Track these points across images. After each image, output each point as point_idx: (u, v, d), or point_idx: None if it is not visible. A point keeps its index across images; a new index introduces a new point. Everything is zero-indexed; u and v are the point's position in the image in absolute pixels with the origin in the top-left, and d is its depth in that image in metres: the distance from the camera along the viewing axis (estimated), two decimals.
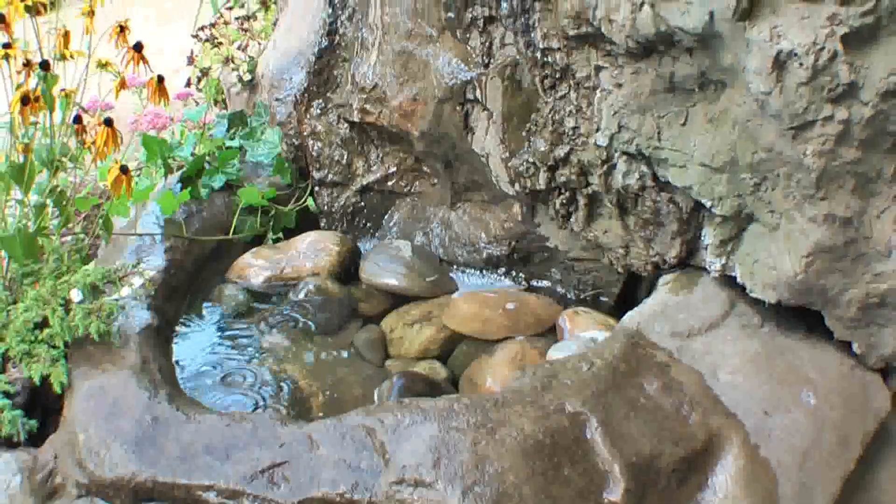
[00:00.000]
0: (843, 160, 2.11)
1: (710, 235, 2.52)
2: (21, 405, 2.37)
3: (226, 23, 4.24)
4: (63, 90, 2.91)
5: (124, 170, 2.67)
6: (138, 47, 2.85)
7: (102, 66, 3.03)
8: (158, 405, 2.25)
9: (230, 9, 4.42)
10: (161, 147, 3.37)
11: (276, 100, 3.45)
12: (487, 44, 2.72)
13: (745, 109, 2.23)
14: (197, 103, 4.28)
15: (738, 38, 2.15)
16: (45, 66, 2.77)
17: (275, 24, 3.96)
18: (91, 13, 2.87)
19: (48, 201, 2.80)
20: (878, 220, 2.18)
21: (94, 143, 2.78)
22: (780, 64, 2.09)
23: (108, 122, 2.72)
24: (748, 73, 2.14)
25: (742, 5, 2.10)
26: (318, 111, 3.32)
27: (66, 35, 2.92)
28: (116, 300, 2.60)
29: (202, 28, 4.31)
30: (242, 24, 4.20)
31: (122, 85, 2.90)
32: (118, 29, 2.89)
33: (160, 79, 2.89)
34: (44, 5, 2.85)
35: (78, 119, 2.86)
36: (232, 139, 3.59)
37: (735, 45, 2.17)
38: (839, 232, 2.19)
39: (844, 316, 2.27)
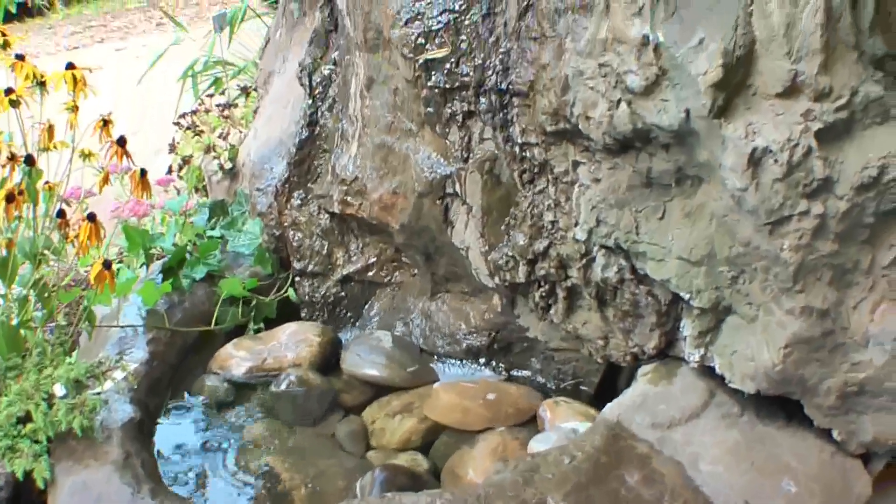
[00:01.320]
0: (819, 253, 2.14)
1: (688, 327, 2.53)
2: (4, 500, 2.37)
3: (207, 110, 4.28)
4: (47, 183, 2.93)
5: (107, 265, 2.69)
6: (122, 142, 2.88)
7: (86, 156, 3.05)
8: (141, 500, 2.25)
9: (210, 96, 4.48)
10: (143, 238, 3.39)
11: (258, 189, 3.48)
12: (466, 139, 2.75)
13: (722, 204, 2.26)
14: (178, 191, 4.31)
15: (714, 135, 2.18)
16: (29, 161, 2.80)
17: (255, 111, 4.00)
18: (75, 108, 2.90)
19: (31, 294, 2.81)
20: (855, 311, 2.20)
21: (76, 237, 2.80)
22: (755, 160, 2.12)
23: (91, 218, 2.74)
24: (724, 170, 2.18)
25: (717, 103, 2.15)
26: (299, 202, 3.35)
27: (51, 129, 2.95)
28: (99, 394, 2.60)
29: (183, 115, 4.35)
30: (223, 111, 4.25)
31: (106, 180, 2.93)
32: (101, 123, 2.93)
33: (143, 172, 2.92)
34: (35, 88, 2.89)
35: (61, 214, 2.88)
36: (213, 229, 3.62)
37: (711, 142, 2.20)
38: (816, 323, 2.20)
39: (824, 404, 2.27)
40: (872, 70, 2.17)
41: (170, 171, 4.39)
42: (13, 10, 8.73)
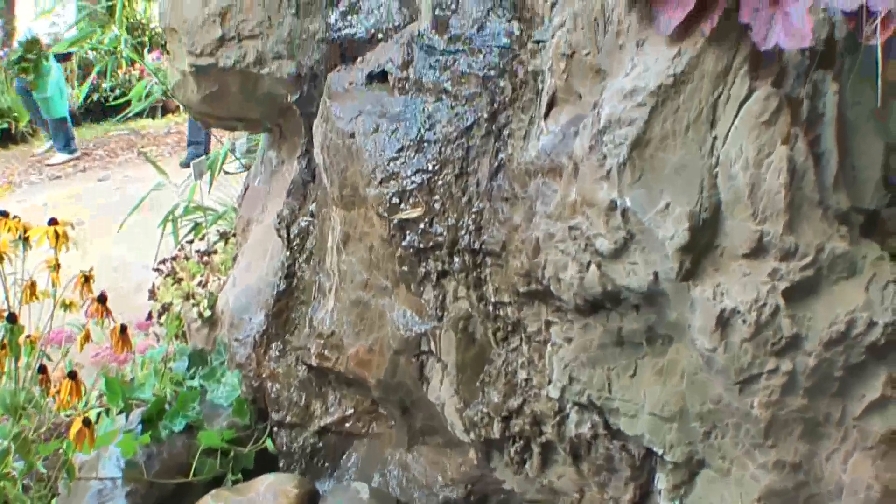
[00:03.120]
0: (790, 409, 2.17)
1: (663, 480, 2.54)
2: None
3: (186, 257, 4.32)
4: (28, 336, 2.95)
5: (87, 423, 2.70)
6: (102, 299, 2.91)
7: (66, 306, 3.08)
8: None
9: (190, 242, 4.53)
10: (122, 389, 3.40)
11: (236, 340, 3.50)
12: (441, 297, 2.79)
13: (693, 362, 2.29)
14: (158, 337, 4.34)
15: (683, 297, 2.23)
16: (11, 318, 2.82)
17: (234, 258, 4.04)
18: (57, 266, 2.94)
19: (11, 447, 2.81)
20: (828, 462, 2.21)
21: (58, 391, 2.81)
22: (723, 321, 2.16)
23: (73, 376, 2.76)
24: (693, 331, 2.21)
25: (685, 266, 2.19)
26: (277, 353, 3.37)
27: (33, 286, 2.98)
28: None
29: (163, 261, 4.39)
30: (203, 257, 4.29)
31: (87, 338, 2.95)
32: (83, 279, 2.96)
33: (123, 328, 2.94)
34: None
35: (42, 369, 2.90)
36: (192, 378, 3.63)
37: (680, 303, 2.24)
38: (789, 476, 2.22)
39: None
40: (837, 225, 2.22)
41: (149, 316, 4.41)
42: None
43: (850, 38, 2.24)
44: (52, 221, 2.97)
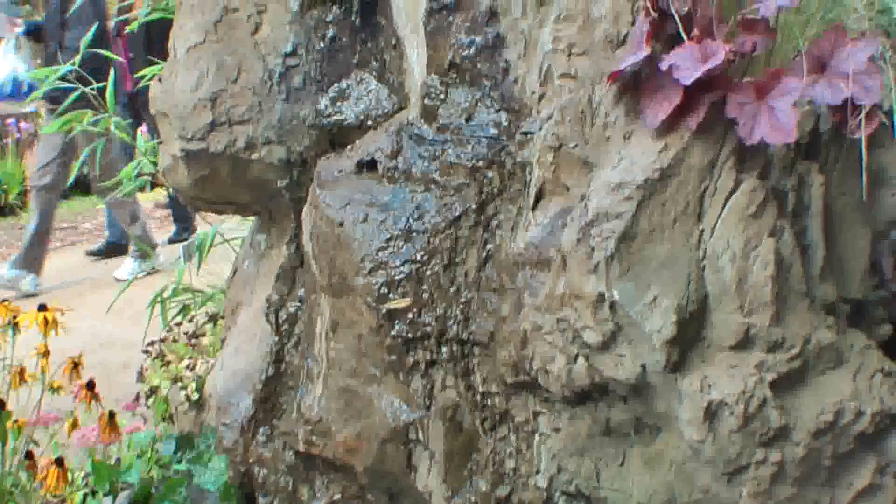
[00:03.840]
0: (779, 499, 2.17)
1: None
2: None
3: (174, 339, 4.32)
4: (16, 421, 2.96)
5: None
6: (91, 386, 2.91)
7: (55, 390, 3.09)
8: None
9: (179, 324, 4.52)
10: (109, 472, 3.39)
11: (224, 424, 3.48)
12: (429, 386, 2.78)
13: (681, 453, 2.30)
14: (144, 419, 4.31)
15: (670, 389, 2.23)
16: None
17: (223, 341, 4.03)
18: (46, 353, 2.95)
19: None
20: None
21: (45, 477, 2.81)
22: (711, 413, 2.17)
23: (59, 463, 2.76)
24: (681, 422, 2.22)
25: (672, 358, 2.20)
26: (265, 438, 3.35)
27: (22, 372, 2.98)
28: None
29: (152, 343, 4.38)
30: (191, 339, 4.29)
31: (75, 425, 2.95)
32: (72, 364, 2.97)
33: (111, 415, 2.94)
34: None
35: (29, 455, 2.90)
36: (179, 462, 3.60)
37: (668, 395, 2.25)
38: None
39: None
40: (824, 316, 2.24)
41: (137, 398, 4.39)
42: None
43: (836, 129, 2.28)
44: (42, 308, 2.98)
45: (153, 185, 12.96)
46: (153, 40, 8.10)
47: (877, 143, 2.31)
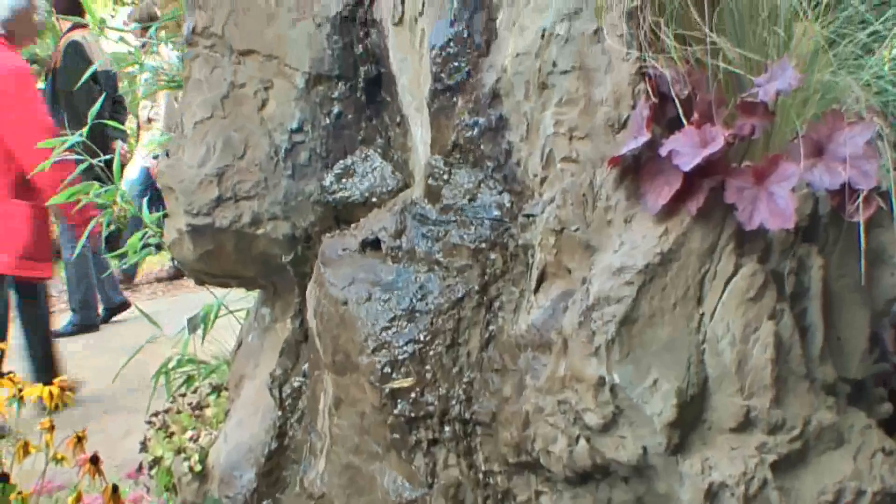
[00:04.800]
0: None
1: None
2: None
3: (178, 410, 4.32)
4: (20, 493, 2.96)
5: None
6: (95, 460, 2.92)
7: (58, 461, 3.10)
8: None
9: (183, 395, 4.53)
10: None
11: (227, 497, 3.48)
12: (431, 464, 2.78)
13: None
14: (148, 488, 4.31)
15: (671, 471, 2.24)
16: (3, 478, 2.83)
17: (227, 413, 4.04)
18: (51, 428, 2.96)
19: None
20: None
21: None
22: (712, 495, 2.18)
23: None
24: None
25: (673, 441, 2.21)
26: None
27: (26, 445, 2.99)
28: None
29: (156, 414, 4.38)
30: (195, 411, 4.29)
31: (79, 498, 2.96)
32: (75, 439, 2.98)
33: (115, 488, 2.95)
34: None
35: None
36: None
37: (669, 476, 2.26)
38: None
39: None
40: (824, 397, 2.25)
41: (140, 468, 4.39)
42: None
43: (835, 212, 2.30)
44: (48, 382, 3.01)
45: (158, 248, 13.03)
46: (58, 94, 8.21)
47: (876, 223, 2.33)
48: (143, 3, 9.86)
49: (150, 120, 9.13)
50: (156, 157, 8.16)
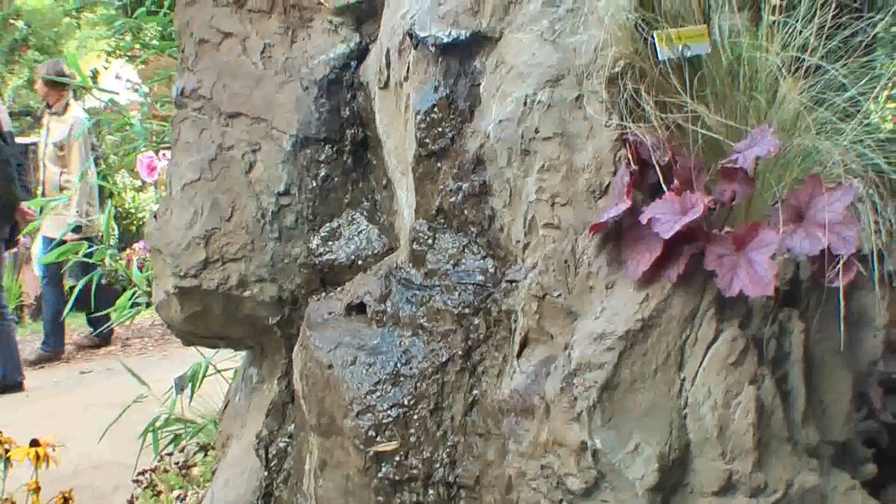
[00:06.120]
0: None
1: None
2: None
3: (165, 469, 4.33)
4: None
5: None
6: None
7: None
8: None
9: (170, 454, 4.54)
10: None
11: None
12: None
13: None
14: None
15: None
16: None
17: (213, 472, 4.03)
18: (37, 489, 2.96)
19: None
20: None
21: None
22: None
23: None
24: None
25: None
26: None
27: None
28: None
29: (143, 472, 4.39)
30: (182, 470, 4.29)
31: None
32: (62, 499, 2.98)
33: None
34: None
35: None
36: None
37: None
38: None
39: None
40: (807, 459, 2.26)
41: None
42: None
43: (815, 277, 2.32)
44: (34, 443, 3.01)
45: (149, 304, 13.00)
46: None
47: (857, 286, 2.36)
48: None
49: (62, 188, 8.88)
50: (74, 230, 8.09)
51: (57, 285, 9.26)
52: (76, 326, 10.79)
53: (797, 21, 2.52)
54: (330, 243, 3.28)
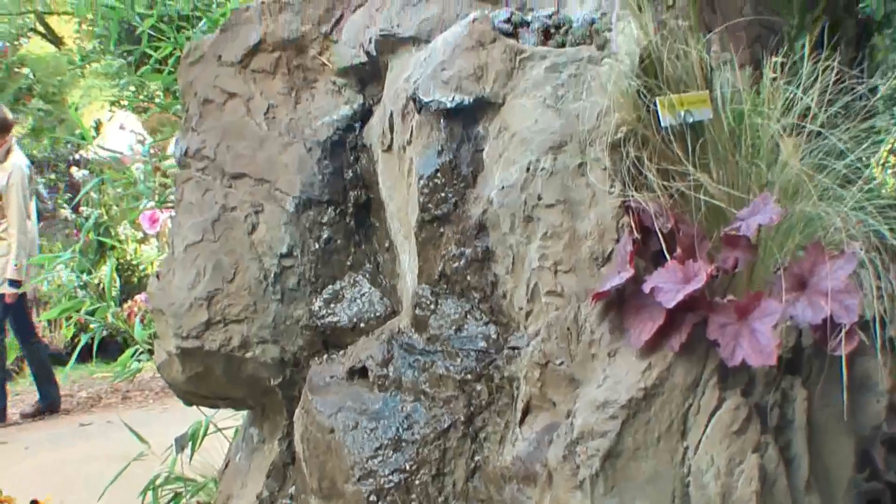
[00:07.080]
0: None
1: None
2: None
3: None
4: None
5: None
6: None
7: None
8: None
9: None
10: None
11: None
12: None
13: None
14: None
15: None
16: None
17: None
18: None
19: None
20: None
21: None
22: None
23: None
24: None
25: None
26: None
27: None
28: None
29: None
30: None
31: None
32: None
33: None
34: None
35: None
36: None
37: None
38: None
39: None
40: None
41: None
42: None
43: (818, 344, 2.32)
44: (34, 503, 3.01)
45: (151, 354, 12.94)
46: None
47: (860, 352, 2.35)
48: None
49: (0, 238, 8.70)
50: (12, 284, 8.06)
51: None
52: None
53: (798, 86, 2.54)
54: (332, 305, 3.28)
